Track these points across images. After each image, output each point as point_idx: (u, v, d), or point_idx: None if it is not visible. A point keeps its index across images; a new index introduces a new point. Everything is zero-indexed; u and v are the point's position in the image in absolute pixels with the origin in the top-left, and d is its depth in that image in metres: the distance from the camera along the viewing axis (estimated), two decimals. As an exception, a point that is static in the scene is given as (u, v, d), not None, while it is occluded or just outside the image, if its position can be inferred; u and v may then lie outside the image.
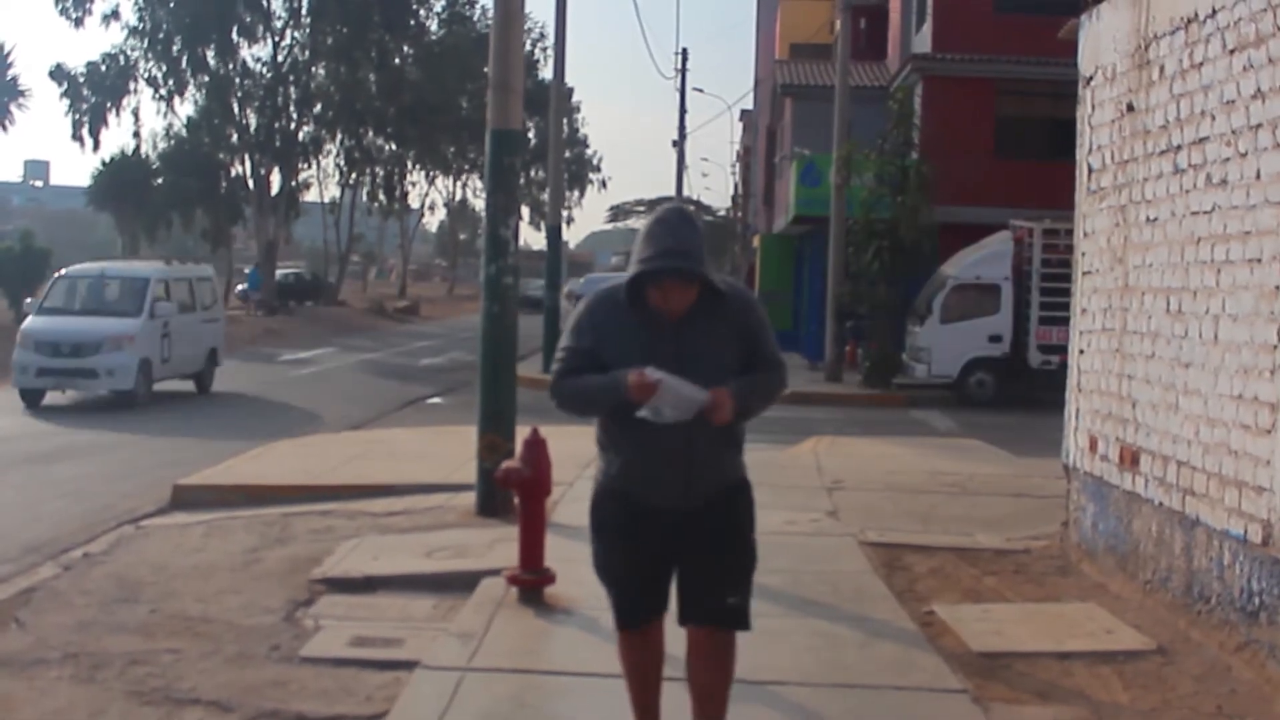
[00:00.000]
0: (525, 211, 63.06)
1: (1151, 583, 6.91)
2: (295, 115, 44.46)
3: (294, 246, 72.82)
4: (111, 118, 41.94)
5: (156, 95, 42.16)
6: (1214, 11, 6.38)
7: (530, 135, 51.83)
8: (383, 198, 54.21)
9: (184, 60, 41.21)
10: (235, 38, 41.99)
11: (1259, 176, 5.85)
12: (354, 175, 50.89)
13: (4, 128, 33.12)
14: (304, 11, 43.14)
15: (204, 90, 42.53)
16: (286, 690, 5.49)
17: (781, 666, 5.59)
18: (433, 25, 48.36)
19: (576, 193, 70.69)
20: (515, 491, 6.79)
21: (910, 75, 26.94)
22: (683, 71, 52.42)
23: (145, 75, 41.58)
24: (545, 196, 35.40)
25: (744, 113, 57.69)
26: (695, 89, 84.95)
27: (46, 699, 5.37)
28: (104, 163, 40.95)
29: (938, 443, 14.97)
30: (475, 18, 49.35)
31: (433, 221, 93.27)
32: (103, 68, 41.33)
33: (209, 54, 41.47)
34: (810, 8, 36.99)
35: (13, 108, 39.88)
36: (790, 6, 40.24)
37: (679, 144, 53.33)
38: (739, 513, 4.22)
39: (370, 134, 48.86)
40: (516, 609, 6.49)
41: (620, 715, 4.46)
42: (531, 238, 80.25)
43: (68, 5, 40.30)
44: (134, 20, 41.01)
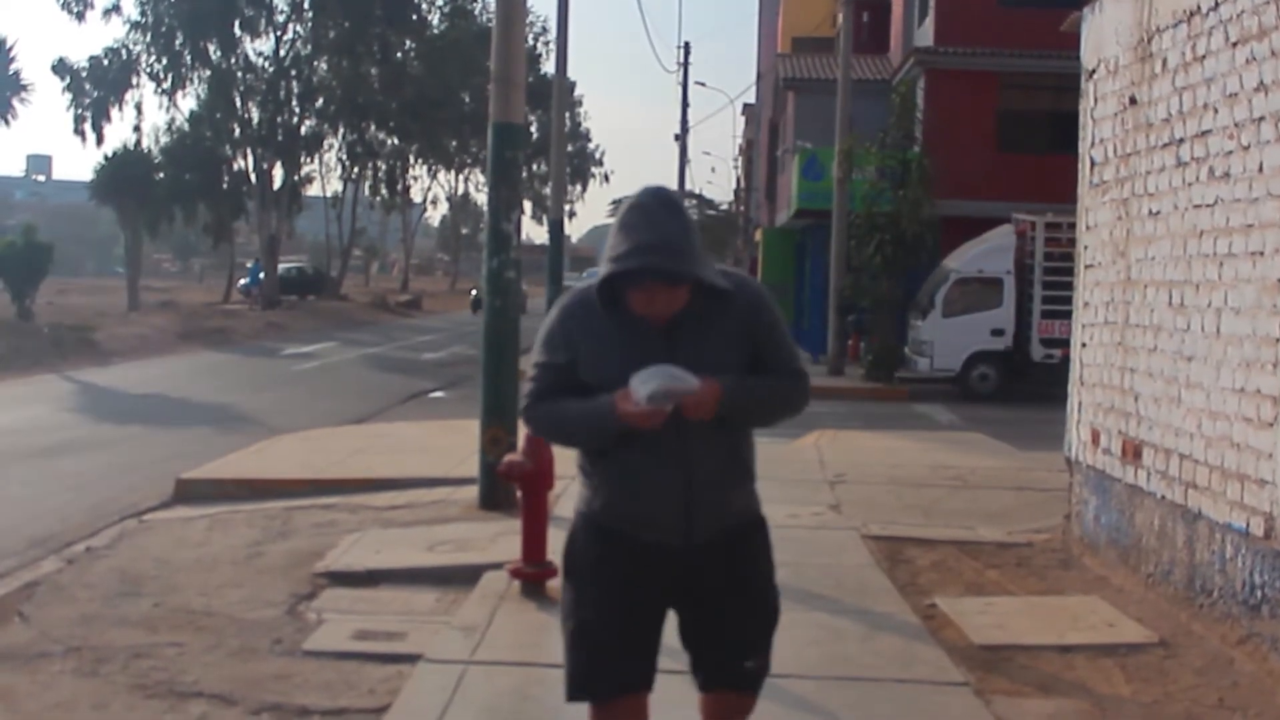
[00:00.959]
0: (527, 205, 63.07)
1: (1153, 576, 6.92)
2: (297, 109, 44.51)
3: (296, 241, 72.91)
4: (114, 112, 41.99)
5: (159, 89, 42.23)
6: (1216, 4, 6.37)
7: (532, 129, 51.86)
8: (385, 192, 54.36)
9: (186, 54, 41.28)
10: (237, 31, 42.04)
11: (1261, 170, 5.84)
12: (356, 169, 50.99)
13: (6, 122, 33.14)
14: (306, 5, 43.16)
15: (206, 84, 42.59)
16: (289, 683, 5.50)
17: (784, 659, 5.54)
18: (434, 19, 48.44)
19: (579, 187, 70.83)
20: (517, 485, 6.79)
21: (912, 68, 26.92)
22: (685, 65, 52.45)
23: (147, 69, 41.63)
24: (547, 190, 35.42)
25: (746, 106, 57.65)
26: (697, 83, 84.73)
27: (49, 692, 5.38)
28: (106, 157, 40.91)
29: (940, 436, 14.97)
30: (477, 11, 49.47)
31: (435, 216, 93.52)
32: (105, 62, 41.35)
33: (211, 48, 41.51)
34: (812, 1, 36.96)
35: (15, 102, 39.84)
36: (792, 0, 40.20)
37: (681, 138, 53.33)
38: (754, 555, 3.41)
39: (372, 128, 48.94)
40: (519, 602, 6.50)
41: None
42: (534, 232, 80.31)
43: (69, -1, 40.31)
44: (136, 14, 41.12)
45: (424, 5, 46.94)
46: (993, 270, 20.75)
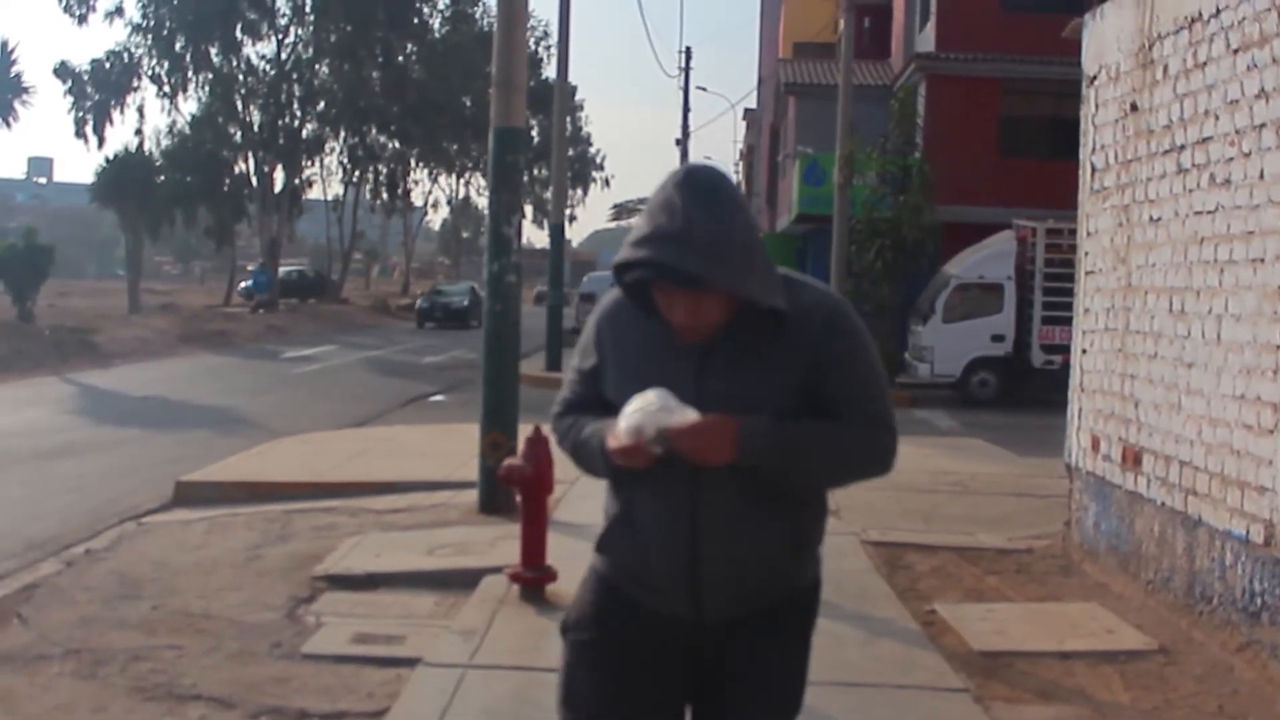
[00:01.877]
0: (528, 210, 63.12)
1: (1153, 583, 6.91)
2: (299, 113, 44.57)
3: (297, 244, 73.00)
4: (115, 115, 42.08)
5: (160, 92, 42.36)
6: (1218, 11, 6.37)
7: (533, 133, 51.86)
8: (386, 195, 54.37)
9: (188, 57, 41.36)
10: (239, 35, 42.13)
11: (1262, 176, 5.84)
12: (357, 173, 51.05)
13: (8, 125, 33.16)
14: (308, 9, 43.23)
15: (208, 87, 42.66)
16: (288, 687, 5.50)
17: (783, 665, 5.58)
18: (436, 23, 48.49)
19: (580, 191, 70.78)
20: (517, 489, 6.79)
21: (914, 74, 26.93)
22: (686, 70, 52.46)
23: (149, 72, 41.72)
24: (548, 195, 35.41)
25: (747, 111, 57.67)
26: (699, 87, 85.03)
27: (48, 695, 5.37)
28: (108, 160, 40.96)
29: (940, 442, 14.97)
30: (479, 16, 49.49)
31: (436, 219, 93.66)
32: (106, 65, 41.43)
33: (213, 51, 41.58)
34: (814, 6, 36.96)
35: (17, 105, 39.84)
36: (794, 5, 40.22)
37: (682, 142, 53.31)
38: (783, 641, 2.71)
39: (374, 131, 49.02)
40: (518, 606, 6.49)
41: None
42: (534, 236, 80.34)
43: (71, 2, 40.43)
44: (138, 17, 41.22)
45: (425, 9, 47.02)
46: (993, 276, 20.75)
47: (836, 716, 5.09)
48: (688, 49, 57.77)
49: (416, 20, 45.88)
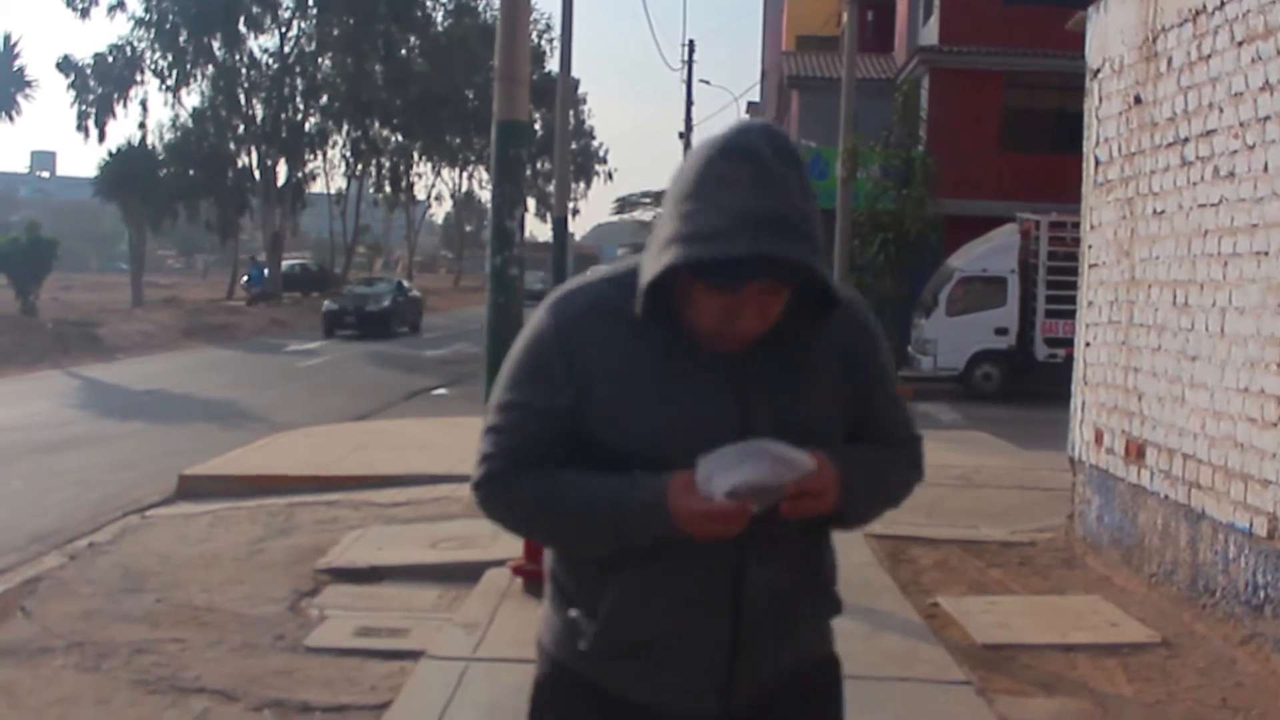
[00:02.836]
0: (531, 203, 63.23)
1: (1156, 576, 6.91)
2: (302, 106, 44.58)
3: (300, 238, 72.98)
4: (118, 109, 42.01)
5: (163, 86, 42.31)
6: (1222, 3, 6.36)
7: (536, 127, 51.84)
8: (389, 189, 54.38)
9: (190, 51, 41.31)
10: (242, 28, 42.08)
11: (1267, 169, 5.83)
12: (360, 166, 50.99)
13: (11, 118, 33.09)
14: (310, 2, 43.19)
15: (210, 81, 42.63)
16: (292, 680, 5.50)
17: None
18: (439, 16, 48.45)
19: (582, 185, 70.89)
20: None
21: (917, 67, 26.90)
22: (689, 63, 52.32)
23: (152, 66, 41.67)
24: (551, 188, 35.40)
25: (750, 104, 57.58)
26: (702, 81, 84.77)
27: (52, 688, 5.38)
28: (110, 154, 40.95)
29: (943, 435, 14.95)
30: (481, 9, 49.44)
31: (439, 213, 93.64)
32: (109, 59, 41.39)
33: (215, 44, 41.55)
34: (817, 0, 36.94)
35: (19, 98, 39.77)
36: (797, -2, 40.18)
37: (685, 136, 53.25)
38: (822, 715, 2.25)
39: (376, 125, 48.97)
40: (521, 599, 6.50)
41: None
42: (538, 229, 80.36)
43: (74, -4, 40.34)
44: (140, 11, 41.20)
45: (428, 3, 47.02)
46: (997, 269, 20.73)
47: (839, 709, 5.09)
48: (691, 42, 57.63)
49: (419, 13, 45.86)
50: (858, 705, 5.12)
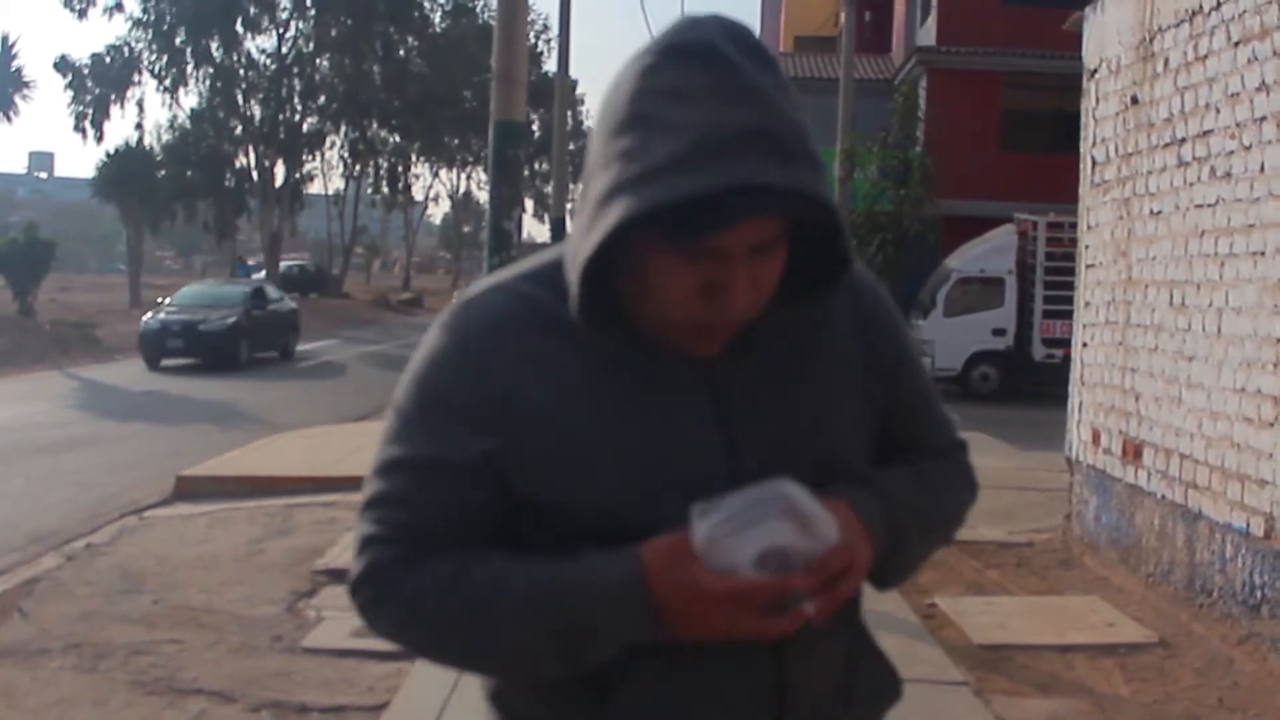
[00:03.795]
0: (529, 204, 63.15)
1: (1153, 576, 6.91)
2: (299, 107, 44.55)
3: (298, 239, 72.98)
4: (115, 109, 42.00)
5: (160, 87, 42.26)
6: (1219, 4, 6.37)
7: (534, 127, 51.85)
8: (386, 190, 54.36)
9: (188, 52, 41.30)
10: (239, 29, 42.06)
11: (1263, 169, 5.84)
12: (358, 167, 50.98)
13: (9, 119, 33.16)
14: (308, 3, 43.18)
15: (208, 81, 42.61)
16: (289, 681, 5.50)
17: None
18: (437, 17, 48.42)
19: (580, 185, 70.71)
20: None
21: (914, 68, 26.92)
22: (687, 64, 52.31)
23: (149, 66, 41.64)
24: (549, 189, 35.44)
25: (748, 105, 57.50)
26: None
27: (49, 689, 5.38)
28: (108, 155, 40.96)
29: (941, 436, 14.95)
30: (479, 9, 49.41)
31: (437, 214, 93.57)
32: (107, 59, 41.37)
33: (213, 45, 41.53)
34: (814, 0, 36.96)
35: (17, 99, 39.83)
36: (795, -1, 40.22)
37: (683, 136, 53.21)
38: None
39: (374, 126, 48.94)
40: (519, 600, 6.49)
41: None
42: (536, 230, 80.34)
43: (72, -4, 40.33)
44: (138, 11, 41.19)
45: (426, 3, 46.95)
46: (994, 270, 20.74)
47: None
48: (688, 43, 57.41)
49: (417, 14, 45.83)
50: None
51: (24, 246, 29.09)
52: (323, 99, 45.56)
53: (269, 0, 42.45)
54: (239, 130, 43.79)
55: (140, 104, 59.78)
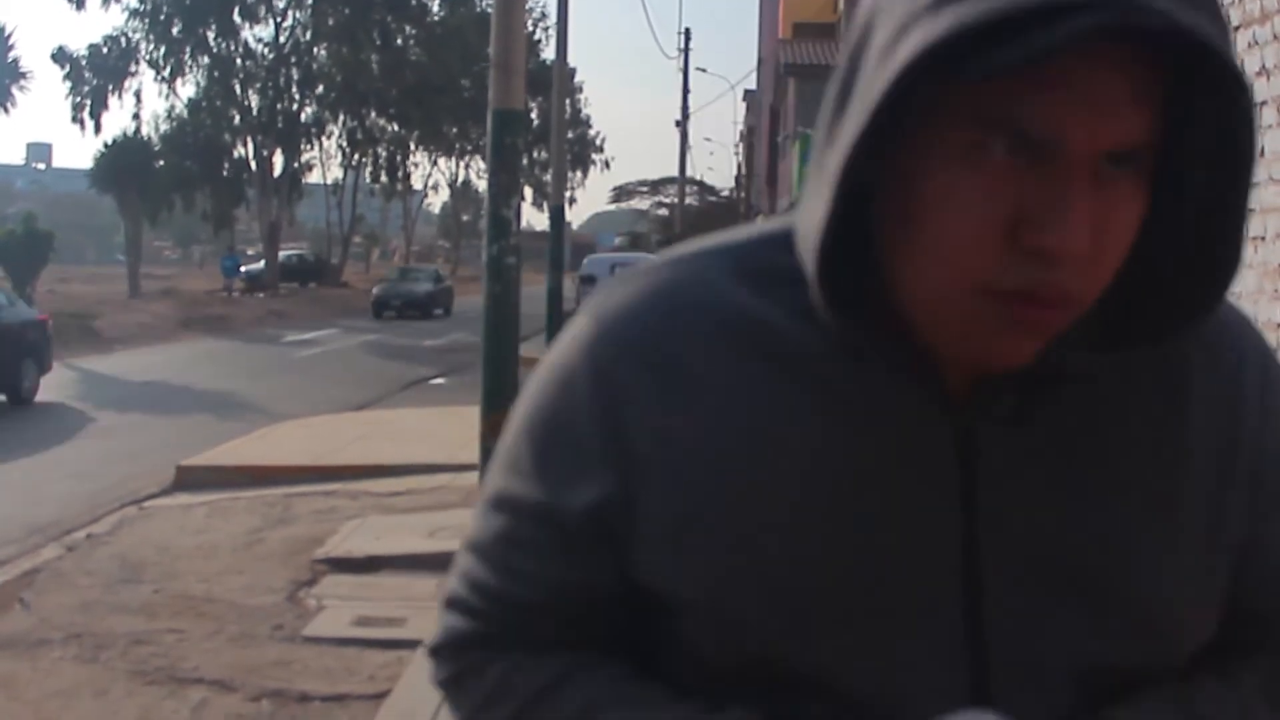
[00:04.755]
0: (528, 192, 63.07)
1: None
2: (297, 96, 44.55)
3: (297, 228, 73.03)
4: (113, 100, 42.10)
5: (158, 77, 42.28)
6: (1218, -12, 6.35)
7: (533, 116, 51.81)
8: (385, 179, 54.38)
9: (186, 42, 41.27)
10: (237, 18, 42.07)
11: (1263, 153, 5.82)
12: (356, 156, 51.03)
13: (6, 110, 33.13)
14: (306, -8, 43.17)
15: (205, 71, 42.63)
16: (290, 670, 5.51)
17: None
18: (435, 5, 48.39)
19: (579, 173, 70.73)
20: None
21: (914, 54, 26.87)
22: (685, 51, 52.43)
23: (147, 57, 41.67)
24: (548, 177, 35.35)
25: (747, 93, 57.60)
26: (698, 69, 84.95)
27: (50, 679, 5.39)
28: (106, 145, 40.94)
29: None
30: (477, -2, 49.37)
31: (435, 202, 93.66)
32: (104, 50, 41.39)
33: (210, 35, 41.52)
34: (813, -13, 36.89)
35: (14, 90, 39.78)
36: (793, -14, 40.12)
37: (682, 124, 53.28)
38: None
39: (373, 115, 49.00)
40: (519, 589, 6.50)
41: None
42: (535, 218, 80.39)
43: (69, -13, 40.31)
44: (135, 2, 41.12)
45: (424, -9, 46.95)
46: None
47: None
48: (687, 30, 57.63)
49: (415, 2, 45.83)
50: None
51: (22, 238, 29.10)
52: (321, 88, 45.58)
53: (266, -11, 42.45)
54: (237, 120, 43.82)
55: (138, 94, 59.80)
